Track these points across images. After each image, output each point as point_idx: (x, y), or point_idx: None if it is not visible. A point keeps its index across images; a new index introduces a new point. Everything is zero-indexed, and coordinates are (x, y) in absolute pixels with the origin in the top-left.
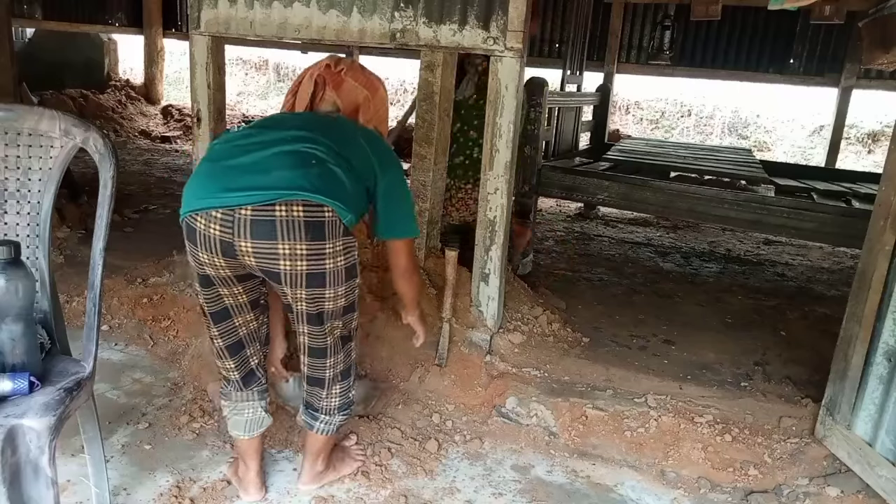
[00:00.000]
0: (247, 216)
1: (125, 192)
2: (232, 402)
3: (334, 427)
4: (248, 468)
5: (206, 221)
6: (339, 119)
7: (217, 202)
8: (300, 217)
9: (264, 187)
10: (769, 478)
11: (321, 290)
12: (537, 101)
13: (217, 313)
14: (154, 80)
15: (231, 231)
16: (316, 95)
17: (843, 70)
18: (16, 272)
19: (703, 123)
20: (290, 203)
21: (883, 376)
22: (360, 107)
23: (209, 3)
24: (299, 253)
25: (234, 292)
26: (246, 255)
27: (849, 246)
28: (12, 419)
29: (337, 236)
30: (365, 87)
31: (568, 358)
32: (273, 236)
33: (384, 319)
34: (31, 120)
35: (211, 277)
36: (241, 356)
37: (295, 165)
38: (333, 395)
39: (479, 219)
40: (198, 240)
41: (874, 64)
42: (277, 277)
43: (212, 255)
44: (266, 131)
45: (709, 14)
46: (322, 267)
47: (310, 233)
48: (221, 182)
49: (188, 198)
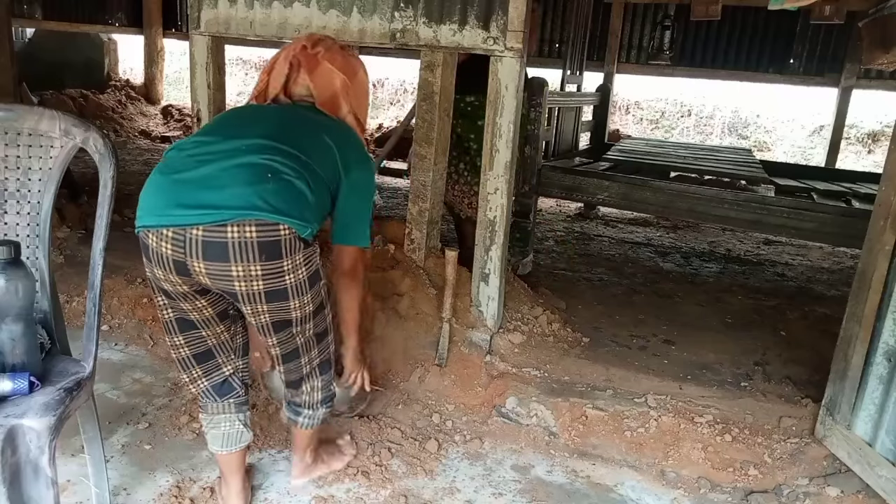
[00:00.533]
0: (198, 237)
1: (125, 192)
2: (208, 414)
3: (318, 420)
4: (228, 485)
5: (157, 239)
6: (309, 117)
7: (167, 220)
8: (253, 238)
9: (216, 206)
10: (769, 478)
11: (285, 303)
12: (537, 101)
13: (184, 321)
14: (154, 80)
15: (183, 251)
16: (290, 78)
17: (843, 70)
18: (16, 272)
19: (703, 123)
20: (243, 224)
21: (883, 376)
22: (338, 94)
23: (209, 3)
24: (254, 274)
25: (197, 306)
26: (200, 274)
27: (849, 246)
28: (12, 419)
29: (295, 252)
30: (342, 70)
31: (568, 358)
32: (226, 258)
33: (384, 319)
34: (31, 120)
35: (170, 293)
36: (210, 364)
37: (249, 181)
38: (315, 390)
39: (479, 219)
40: (151, 257)
41: (874, 64)
42: (235, 297)
43: (167, 273)
44: (222, 141)
45: (709, 14)
46: (282, 283)
47: (264, 253)
48: (172, 197)
49: (140, 212)
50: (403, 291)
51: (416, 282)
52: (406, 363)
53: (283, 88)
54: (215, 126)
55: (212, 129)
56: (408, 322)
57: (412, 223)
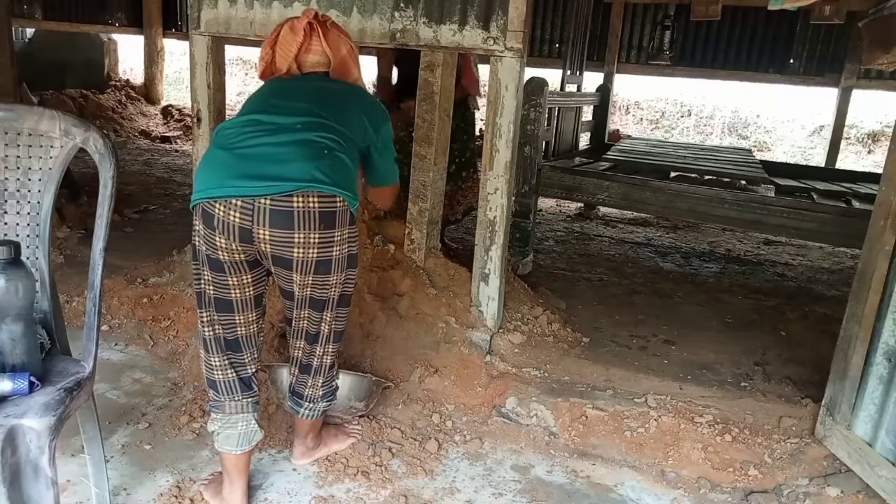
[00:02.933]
0: (266, 206)
1: (125, 192)
2: (225, 414)
3: (318, 412)
4: (233, 486)
5: (224, 208)
6: (335, 90)
7: (237, 191)
8: (315, 208)
9: (282, 178)
10: (769, 478)
11: (326, 276)
12: (537, 101)
13: (222, 301)
14: (154, 80)
15: (251, 219)
16: (302, 46)
17: (843, 70)
18: (16, 272)
19: (703, 123)
20: (307, 194)
21: (883, 376)
22: (347, 59)
23: (209, 3)
24: (312, 241)
25: (242, 282)
26: (263, 241)
27: (849, 246)
28: (12, 419)
29: (345, 225)
30: (346, 36)
31: (568, 358)
32: (290, 225)
33: (384, 319)
34: (31, 120)
35: (223, 262)
36: (237, 356)
37: (309, 157)
38: (318, 386)
39: (479, 219)
40: (216, 225)
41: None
42: (290, 264)
43: (229, 241)
44: (275, 117)
45: (709, 14)
46: (329, 254)
47: (323, 222)
48: (239, 170)
49: (203, 183)
50: (403, 291)
51: (416, 282)
52: (406, 363)
53: (295, 55)
54: (258, 104)
55: (256, 107)
56: (408, 322)
57: (412, 223)
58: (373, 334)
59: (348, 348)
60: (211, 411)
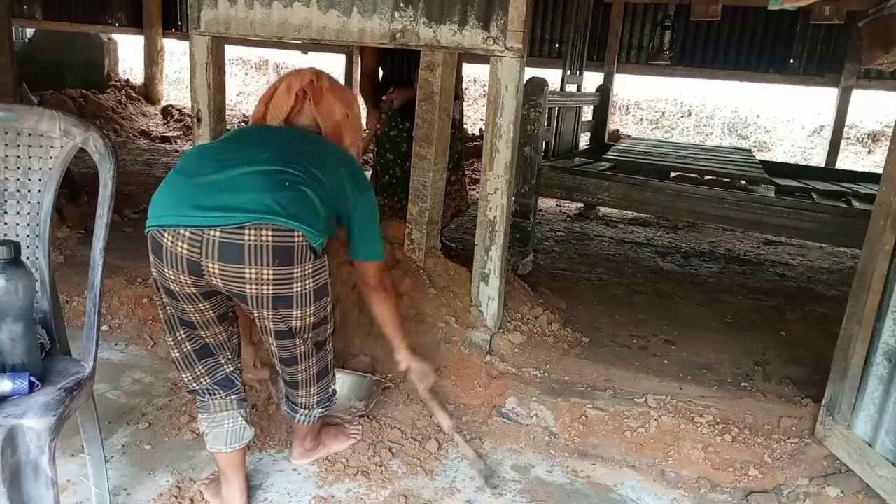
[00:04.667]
0: (215, 237)
1: (125, 192)
2: (210, 413)
3: (314, 418)
4: (230, 485)
5: (173, 239)
6: (319, 140)
7: (186, 220)
8: (269, 242)
9: (234, 209)
10: (769, 478)
11: (288, 311)
12: (537, 101)
13: (184, 322)
14: (154, 80)
15: (199, 251)
16: (294, 109)
17: (843, 70)
18: (16, 272)
19: (703, 123)
20: (259, 227)
21: (883, 376)
22: (340, 125)
23: (209, 3)
24: (265, 277)
25: (199, 308)
26: (213, 275)
27: (849, 246)
28: (12, 419)
29: (306, 261)
30: (343, 103)
31: (568, 358)
32: (241, 260)
33: None
34: (31, 120)
35: (175, 293)
36: (211, 361)
37: (267, 188)
38: (311, 395)
39: (480, 219)
40: (164, 256)
41: (874, 64)
42: (244, 299)
43: (177, 273)
44: (239, 148)
45: (709, 14)
46: (289, 290)
47: (277, 258)
48: (191, 198)
49: (156, 211)
50: (403, 291)
51: (416, 282)
52: None
53: (285, 119)
54: (231, 137)
55: (233, 135)
56: (408, 322)
57: (412, 223)
58: (373, 334)
59: (348, 348)
60: (198, 412)
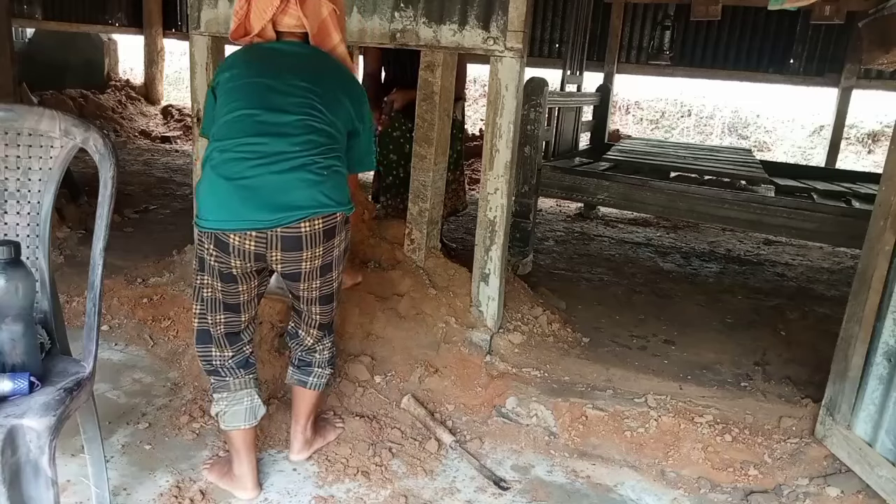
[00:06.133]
0: (278, 234)
1: (125, 192)
2: (230, 392)
3: (324, 381)
4: (243, 462)
5: (240, 239)
6: (321, 73)
7: (251, 224)
8: (320, 228)
9: (290, 207)
10: (769, 478)
11: (329, 274)
12: (537, 101)
13: (232, 306)
14: (154, 80)
15: (265, 246)
16: (279, 9)
17: (843, 70)
18: (16, 272)
19: (703, 123)
20: (313, 219)
21: (883, 376)
22: (327, 22)
23: (209, 3)
24: (317, 254)
25: (250, 287)
26: (275, 261)
27: (849, 246)
28: (12, 419)
29: (342, 231)
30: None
31: (568, 358)
32: (300, 247)
33: (384, 319)
34: (31, 120)
35: (235, 275)
36: (238, 345)
37: (312, 183)
38: (325, 349)
39: (480, 219)
40: (231, 251)
41: (874, 64)
42: (298, 276)
43: (244, 262)
44: (267, 140)
45: (709, 14)
46: (331, 258)
47: (325, 237)
48: (250, 203)
49: (214, 214)
50: (403, 291)
51: (417, 282)
52: (406, 363)
53: (270, 18)
54: (249, 97)
55: (247, 101)
56: (408, 322)
57: (412, 223)
58: (373, 334)
59: (349, 347)
60: (214, 393)
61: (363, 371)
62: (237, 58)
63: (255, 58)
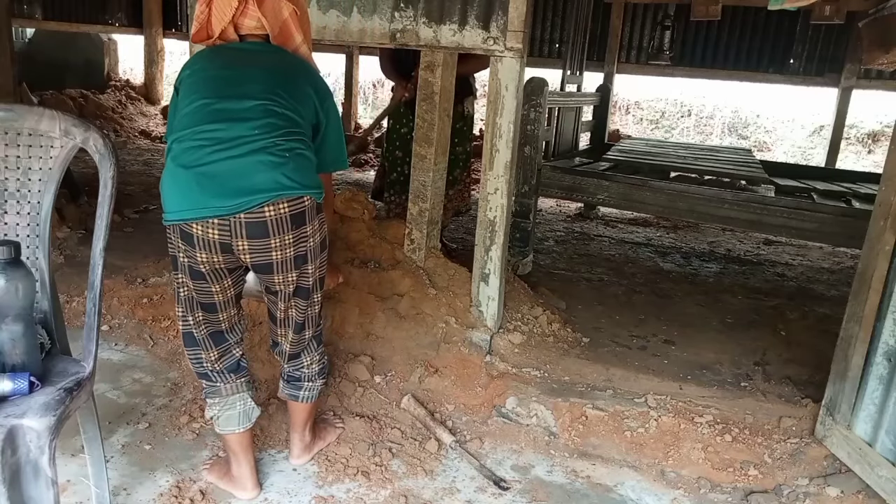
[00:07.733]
0: (241, 220)
1: (125, 192)
2: (222, 397)
3: (316, 393)
4: (241, 464)
5: (203, 228)
6: (283, 67)
7: (212, 212)
8: (286, 213)
9: (252, 192)
10: (769, 478)
11: (305, 266)
12: (537, 101)
13: (206, 305)
14: (154, 80)
15: (229, 234)
16: (237, 10)
17: (843, 70)
18: (16, 272)
19: (703, 123)
20: (277, 203)
21: (883, 376)
22: (288, 23)
23: None
24: (287, 242)
25: (223, 286)
26: (242, 252)
27: (849, 246)
28: (12, 419)
29: (314, 218)
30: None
31: (568, 358)
32: (266, 234)
33: (384, 319)
34: (31, 120)
35: (204, 273)
36: (224, 347)
37: (273, 165)
38: (313, 362)
39: (480, 219)
40: (196, 243)
41: (874, 64)
42: (270, 267)
43: (211, 255)
44: (226, 125)
45: (709, 14)
46: (305, 248)
47: (294, 223)
48: (210, 190)
49: (175, 205)
50: (403, 291)
51: (417, 282)
52: (406, 363)
53: (230, 20)
54: (207, 88)
55: (206, 91)
56: (408, 322)
57: (412, 223)
58: (373, 334)
59: (349, 347)
60: (207, 398)
61: (363, 371)
62: (200, 56)
63: (217, 55)
